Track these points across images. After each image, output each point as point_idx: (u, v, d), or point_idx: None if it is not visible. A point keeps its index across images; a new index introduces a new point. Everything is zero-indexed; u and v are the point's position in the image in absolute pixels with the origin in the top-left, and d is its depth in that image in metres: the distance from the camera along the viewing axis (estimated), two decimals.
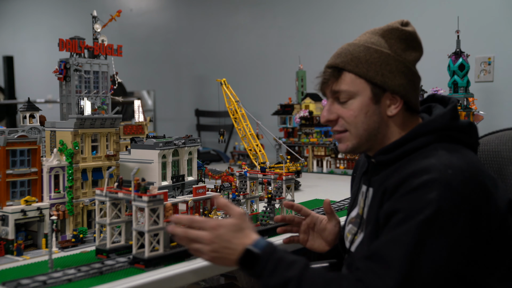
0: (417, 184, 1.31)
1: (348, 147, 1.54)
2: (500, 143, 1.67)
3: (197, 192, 2.05)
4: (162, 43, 6.69)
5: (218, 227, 1.42)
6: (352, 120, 1.50)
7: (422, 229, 1.27)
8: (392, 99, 1.50)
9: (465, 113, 3.41)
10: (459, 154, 1.40)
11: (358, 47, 1.52)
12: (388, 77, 1.49)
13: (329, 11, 5.10)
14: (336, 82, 1.51)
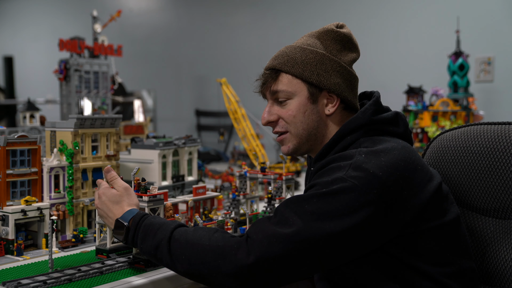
0: (332, 166, 1.38)
1: (289, 149, 1.57)
2: (468, 138, 1.66)
3: (197, 192, 2.05)
4: (162, 43, 6.69)
5: (101, 195, 1.58)
6: (292, 120, 1.54)
7: (323, 200, 1.30)
8: (329, 98, 1.54)
9: (465, 113, 3.41)
10: (385, 143, 1.41)
11: (294, 48, 1.56)
12: (323, 76, 1.52)
13: (329, 11, 5.10)
14: (274, 83, 1.56)
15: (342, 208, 1.28)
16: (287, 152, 1.59)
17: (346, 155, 1.39)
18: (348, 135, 1.47)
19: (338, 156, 1.40)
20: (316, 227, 1.27)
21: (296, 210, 1.31)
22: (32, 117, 2.87)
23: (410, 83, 3.96)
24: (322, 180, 1.34)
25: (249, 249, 1.29)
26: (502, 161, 1.56)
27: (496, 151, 1.57)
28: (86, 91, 3.12)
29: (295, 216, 1.30)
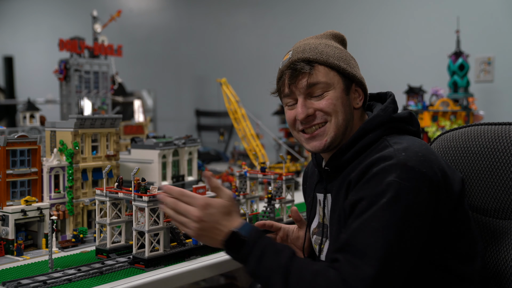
0: (376, 170, 1.33)
1: (326, 142, 1.50)
2: (468, 139, 1.66)
3: (197, 192, 2.05)
4: (162, 43, 6.68)
5: (208, 206, 1.40)
6: (332, 109, 1.49)
7: (387, 211, 1.28)
8: (355, 92, 1.55)
9: (465, 113, 3.41)
10: (409, 140, 1.43)
11: (317, 45, 1.54)
12: (354, 69, 1.54)
13: (328, 11, 5.10)
14: (310, 75, 1.49)
15: (406, 213, 1.29)
16: (322, 147, 1.51)
17: (385, 156, 1.35)
18: (370, 132, 1.47)
19: (377, 158, 1.36)
20: (395, 241, 1.28)
21: (369, 235, 1.28)
22: (32, 117, 2.87)
23: (410, 83, 3.96)
24: (375, 191, 1.31)
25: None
26: (502, 162, 1.56)
27: (497, 151, 1.57)
28: (86, 91, 3.12)
29: (371, 241, 1.27)
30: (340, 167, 1.50)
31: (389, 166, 1.32)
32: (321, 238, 1.57)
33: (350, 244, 1.29)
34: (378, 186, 1.30)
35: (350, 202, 1.36)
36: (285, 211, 2.10)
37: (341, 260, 1.28)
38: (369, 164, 1.36)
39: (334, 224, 1.48)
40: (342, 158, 1.49)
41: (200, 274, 1.71)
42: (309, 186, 1.74)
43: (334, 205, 1.50)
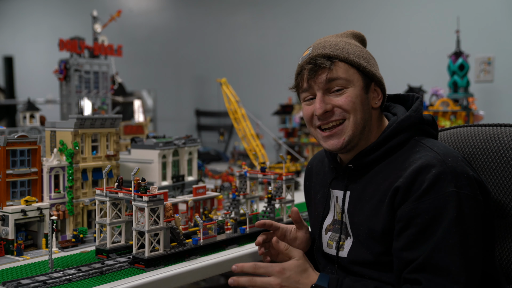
0: (428, 180, 1.34)
1: (344, 141, 1.50)
2: (458, 140, 1.68)
3: (197, 192, 2.05)
4: (162, 43, 6.69)
5: (284, 270, 1.46)
6: (351, 106, 1.48)
7: (458, 226, 1.32)
8: (374, 92, 1.55)
9: (465, 113, 3.41)
10: (439, 143, 1.48)
11: (338, 42, 1.54)
12: (374, 68, 1.54)
13: (329, 11, 5.10)
14: (330, 71, 1.48)
15: (472, 221, 1.35)
16: (340, 146, 1.50)
17: (432, 162, 1.37)
18: (402, 132, 1.48)
19: (425, 165, 1.37)
20: (472, 252, 1.33)
21: (448, 253, 1.31)
22: (32, 117, 2.87)
23: (410, 83, 3.96)
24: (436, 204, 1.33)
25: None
26: (494, 162, 1.57)
27: (489, 152, 1.58)
28: (86, 91, 3.12)
29: (452, 259, 1.31)
30: (366, 166, 1.51)
31: (442, 174, 1.34)
32: (339, 235, 1.57)
33: (431, 264, 1.31)
34: (438, 199, 1.33)
35: (408, 214, 1.36)
36: (285, 211, 2.10)
37: (424, 282, 1.31)
38: (417, 170, 1.36)
39: (358, 222, 1.49)
40: (370, 156, 1.49)
41: (200, 274, 1.71)
42: (317, 183, 1.73)
43: (356, 203, 1.51)
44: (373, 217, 1.44)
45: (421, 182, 1.35)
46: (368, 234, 1.45)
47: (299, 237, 1.72)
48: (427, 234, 1.32)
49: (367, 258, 1.46)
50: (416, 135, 1.50)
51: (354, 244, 1.52)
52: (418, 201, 1.34)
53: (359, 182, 1.52)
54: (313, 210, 1.75)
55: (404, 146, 1.48)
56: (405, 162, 1.42)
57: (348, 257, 1.53)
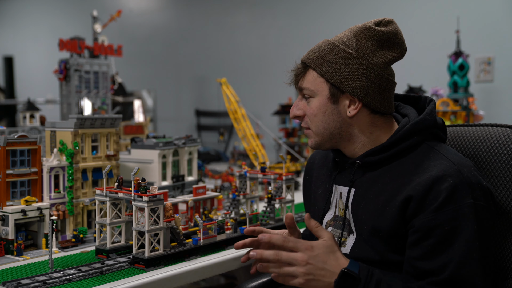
0: (446, 191, 1.35)
1: (312, 143, 1.59)
2: (458, 139, 1.68)
3: (197, 192, 2.05)
4: (162, 43, 6.69)
5: (313, 248, 1.36)
6: (312, 119, 1.54)
7: (481, 237, 1.34)
8: (352, 100, 1.52)
9: (465, 113, 3.41)
10: (452, 151, 1.48)
11: (328, 45, 1.54)
12: (345, 78, 1.49)
13: (329, 11, 5.11)
14: (302, 79, 1.56)
15: (489, 232, 1.40)
16: (311, 146, 1.61)
17: (448, 172, 1.37)
18: (415, 135, 1.48)
19: (441, 175, 1.37)
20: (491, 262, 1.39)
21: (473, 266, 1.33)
22: (32, 117, 2.87)
23: (410, 83, 3.96)
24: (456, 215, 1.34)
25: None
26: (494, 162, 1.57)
27: (489, 152, 1.59)
28: (86, 91, 3.12)
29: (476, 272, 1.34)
30: (373, 164, 1.51)
31: (459, 185, 1.36)
32: (340, 231, 1.56)
33: (457, 279, 1.33)
34: (457, 211, 1.34)
35: (426, 225, 1.36)
36: (285, 211, 2.10)
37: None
38: (433, 180, 1.37)
39: (362, 220, 1.49)
40: (380, 155, 1.49)
41: (200, 274, 1.71)
42: (319, 178, 1.73)
43: (360, 200, 1.51)
44: (378, 216, 1.44)
45: (438, 192, 1.35)
46: (371, 233, 1.45)
47: None
48: (446, 245, 1.33)
49: (371, 256, 1.46)
50: (427, 139, 1.50)
51: (358, 241, 1.51)
52: (436, 212, 1.35)
53: (365, 179, 1.52)
54: (311, 204, 1.74)
55: (415, 149, 1.48)
56: (418, 167, 1.43)
57: (350, 254, 1.52)
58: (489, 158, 1.59)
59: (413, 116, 1.55)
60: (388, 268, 1.45)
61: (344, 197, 1.57)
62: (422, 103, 1.60)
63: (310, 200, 1.77)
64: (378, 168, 1.51)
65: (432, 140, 1.51)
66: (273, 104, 4.54)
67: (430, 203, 1.36)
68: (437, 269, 1.34)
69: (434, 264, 1.34)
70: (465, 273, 1.33)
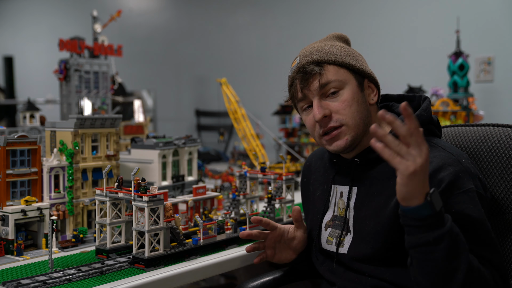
0: (448, 178, 1.36)
1: (347, 141, 1.50)
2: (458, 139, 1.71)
3: (197, 192, 2.05)
4: (162, 43, 6.69)
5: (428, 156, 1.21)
6: (348, 110, 1.49)
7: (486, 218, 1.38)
8: (369, 88, 1.56)
9: (465, 113, 3.41)
10: (449, 144, 1.51)
11: (323, 46, 1.55)
12: (363, 65, 1.55)
13: (329, 11, 5.10)
14: (321, 76, 1.50)
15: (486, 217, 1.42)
16: (344, 146, 1.50)
17: (448, 161, 1.39)
18: None
19: (442, 164, 1.38)
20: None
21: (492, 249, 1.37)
22: (32, 117, 2.87)
23: (410, 83, 3.96)
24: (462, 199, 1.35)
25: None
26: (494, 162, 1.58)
27: (489, 151, 1.59)
28: (86, 91, 3.12)
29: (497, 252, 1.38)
30: (372, 161, 1.52)
31: (459, 172, 1.37)
32: (340, 231, 1.56)
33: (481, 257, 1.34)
34: (461, 196, 1.35)
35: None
36: (285, 211, 2.10)
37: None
38: (435, 169, 1.37)
39: (365, 217, 1.49)
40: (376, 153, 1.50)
41: (200, 274, 1.71)
42: (317, 180, 1.73)
43: (364, 198, 1.51)
44: (381, 212, 1.44)
45: (439, 180, 1.36)
46: (373, 229, 1.46)
47: (297, 236, 1.72)
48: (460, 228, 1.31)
49: (367, 254, 1.47)
50: (424, 134, 1.51)
51: (354, 240, 1.52)
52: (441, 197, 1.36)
53: (366, 177, 1.52)
54: (311, 206, 1.74)
55: None
56: None
57: (348, 253, 1.53)
58: (489, 158, 1.60)
59: None
60: (384, 265, 1.45)
61: (345, 197, 1.57)
62: (417, 102, 1.61)
63: (308, 202, 1.77)
64: (377, 165, 1.51)
65: (428, 136, 1.52)
66: (273, 104, 4.54)
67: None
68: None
69: None
70: (487, 255, 1.34)
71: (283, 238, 1.71)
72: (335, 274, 1.58)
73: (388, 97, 1.69)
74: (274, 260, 1.73)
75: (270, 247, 1.72)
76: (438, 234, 1.21)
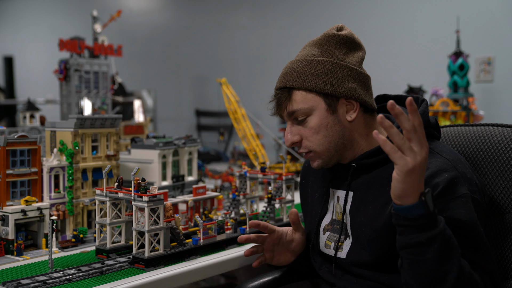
0: (443, 183, 1.35)
1: (319, 164, 1.55)
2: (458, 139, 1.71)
3: (197, 192, 2.05)
4: (162, 43, 6.68)
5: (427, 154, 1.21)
6: (315, 137, 1.51)
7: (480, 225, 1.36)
8: (348, 104, 1.51)
9: (465, 113, 3.41)
10: (447, 149, 1.49)
11: (300, 62, 1.53)
12: (337, 84, 1.49)
13: (329, 11, 5.10)
14: (289, 103, 1.52)
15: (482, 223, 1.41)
16: (317, 166, 1.55)
17: (444, 167, 1.38)
18: None
19: (437, 170, 1.37)
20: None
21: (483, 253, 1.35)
22: (32, 117, 2.87)
23: (410, 83, 3.96)
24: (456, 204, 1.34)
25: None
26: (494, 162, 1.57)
27: (488, 151, 1.59)
28: (86, 91, 3.12)
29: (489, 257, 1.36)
30: (369, 166, 1.51)
31: (454, 178, 1.36)
32: (338, 235, 1.56)
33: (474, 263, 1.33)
34: (454, 200, 1.34)
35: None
36: (285, 211, 2.10)
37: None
38: (430, 175, 1.36)
39: (361, 223, 1.49)
40: (375, 157, 1.50)
41: (200, 274, 1.71)
42: (315, 182, 1.73)
43: (359, 203, 1.50)
44: (378, 218, 1.44)
45: (434, 186, 1.35)
46: (370, 235, 1.45)
47: (295, 239, 1.71)
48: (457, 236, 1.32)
49: (366, 260, 1.46)
50: None
51: (354, 245, 1.51)
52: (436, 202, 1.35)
53: (363, 182, 1.52)
54: (309, 209, 1.74)
55: None
56: None
57: (347, 258, 1.52)
58: (489, 158, 1.60)
59: None
60: (383, 271, 1.45)
61: (341, 201, 1.57)
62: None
63: (307, 204, 1.77)
64: (373, 170, 1.50)
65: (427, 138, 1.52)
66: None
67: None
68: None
69: None
70: (478, 260, 1.33)
71: (281, 240, 1.71)
72: (334, 276, 1.58)
73: (386, 97, 1.69)
74: (273, 262, 1.73)
75: (269, 250, 1.72)
76: (430, 235, 1.20)
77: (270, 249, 1.72)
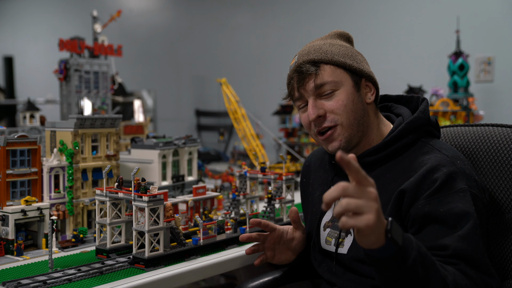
0: (441, 178, 1.36)
1: (341, 142, 1.51)
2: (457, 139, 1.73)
3: (197, 192, 2.05)
4: (162, 43, 6.68)
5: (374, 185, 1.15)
6: (343, 110, 1.50)
7: (478, 219, 1.35)
8: (366, 87, 1.56)
9: (465, 113, 3.41)
10: (447, 145, 1.51)
11: (322, 45, 1.56)
12: (362, 64, 1.55)
13: (329, 11, 5.10)
14: (317, 76, 1.51)
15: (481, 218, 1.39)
16: (338, 147, 1.50)
17: (443, 163, 1.39)
18: (410, 133, 1.51)
19: (436, 165, 1.38)
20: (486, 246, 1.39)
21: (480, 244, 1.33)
22: (32, 117, 2.87)
23: (410, 83, 3.96)
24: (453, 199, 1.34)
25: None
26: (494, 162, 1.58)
27: (488, 151, 1.59)
28: (86, 91, 3.12)
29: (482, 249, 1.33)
30: (371, 164, 1.52)
31: (453, 173, 1.37)
32: (338, 232, 1.57)
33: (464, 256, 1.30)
34: (452, 195, 1.35)
35: (421, 211, 1.35)
36: (285, 211, 2.10)
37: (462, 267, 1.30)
38: (427, 171, 1.38)
39: None
40: (377, 155, 1.51)
41: (200, 274, 1.71)
42: (316, 180, 1.73)
43: None
44: None
45: (432, 180, 1.37)
46: None
47: (296, 237, 1.71)
48: (447, 226, 1.32)
49: None
50: (422, 137, 1.53)
51: (355, 241, 1.51)
52: (432, 197, 1.36)
53: None
54: (310, 207, 1.74)
55: (411, 147, 1.50)
56: (413, 162, 1.45)
57: (348, 254, 1.53)
58: (489, 158, 1.60)
59: (407, 115, 1.57)
60: None
61: None
62: (415, 103, 1.62)
63: (308, 203, 1.77)
64: (376, 168, 1.51)
65: (426, 137, 1.54)
66: (273, 104, 4.54)
67: (424, 191, 1.37)
68: (439, 247, 1.31)
69: (437, 243, 1.32)
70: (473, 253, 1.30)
71: (282, 239, 1.71)
72: (334, 275, 1.58)
73: (387, 97, 1.70)
74: (274, 261, 1.73)
75: (270, 249, 1.72)
76: (405, 268, 1.17)
77: (271, 247, 1.72)
